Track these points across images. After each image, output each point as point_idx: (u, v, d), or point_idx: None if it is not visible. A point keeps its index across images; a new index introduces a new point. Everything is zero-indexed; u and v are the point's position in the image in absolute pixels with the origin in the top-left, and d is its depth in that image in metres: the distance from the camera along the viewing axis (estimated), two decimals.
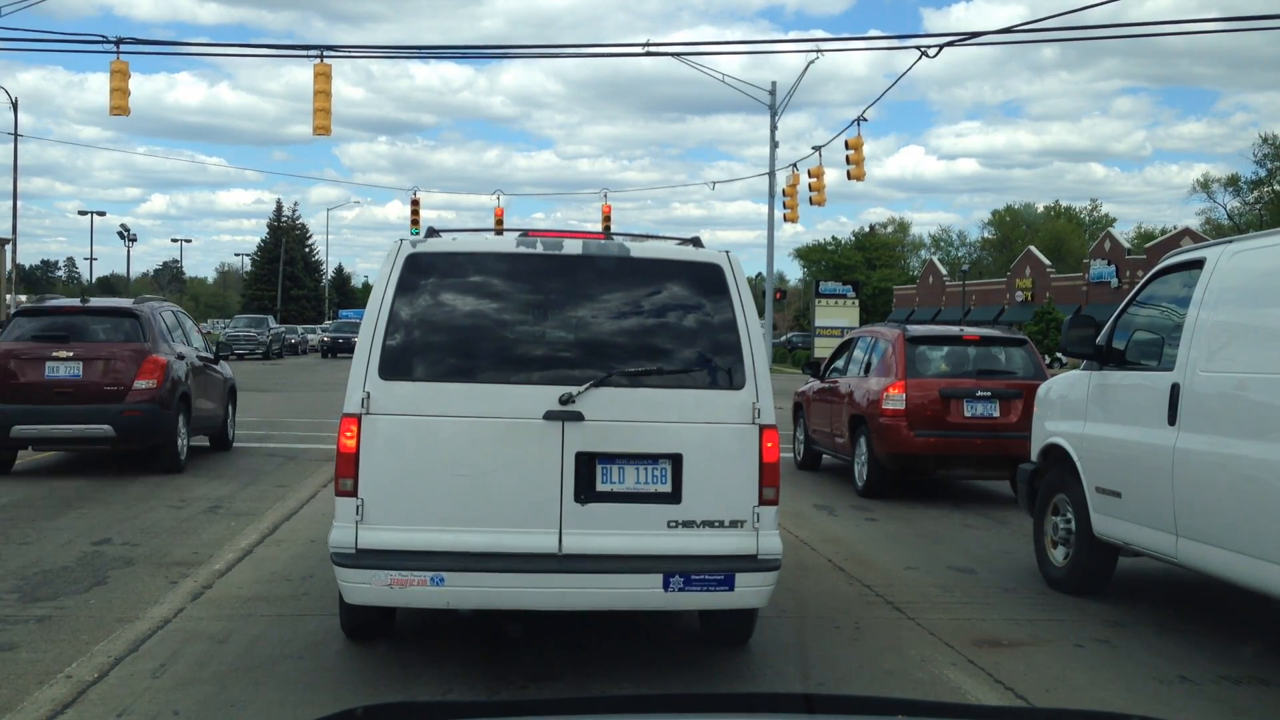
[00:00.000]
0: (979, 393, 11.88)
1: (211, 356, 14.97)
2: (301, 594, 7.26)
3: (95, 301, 14.15)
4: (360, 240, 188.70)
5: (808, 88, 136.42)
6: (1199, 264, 6.77)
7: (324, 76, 23.09)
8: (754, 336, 5.64)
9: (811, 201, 33.67)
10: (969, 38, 23.50)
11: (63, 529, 9.31)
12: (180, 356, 13.26)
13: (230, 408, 15.39)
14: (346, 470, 5.35)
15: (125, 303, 13.98)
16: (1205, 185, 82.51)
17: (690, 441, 5.49)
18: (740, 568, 5.39)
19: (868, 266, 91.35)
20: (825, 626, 6.78)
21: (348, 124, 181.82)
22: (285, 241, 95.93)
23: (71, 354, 12.30)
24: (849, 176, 30.41)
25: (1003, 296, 73.18)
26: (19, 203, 43.47)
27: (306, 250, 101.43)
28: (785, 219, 36.50)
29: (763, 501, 5.51)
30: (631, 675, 5.78)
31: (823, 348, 39.02)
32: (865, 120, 30.60)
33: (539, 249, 5.69)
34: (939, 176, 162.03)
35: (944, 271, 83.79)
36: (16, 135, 42.35)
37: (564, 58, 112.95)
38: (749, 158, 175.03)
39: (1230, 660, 6.22)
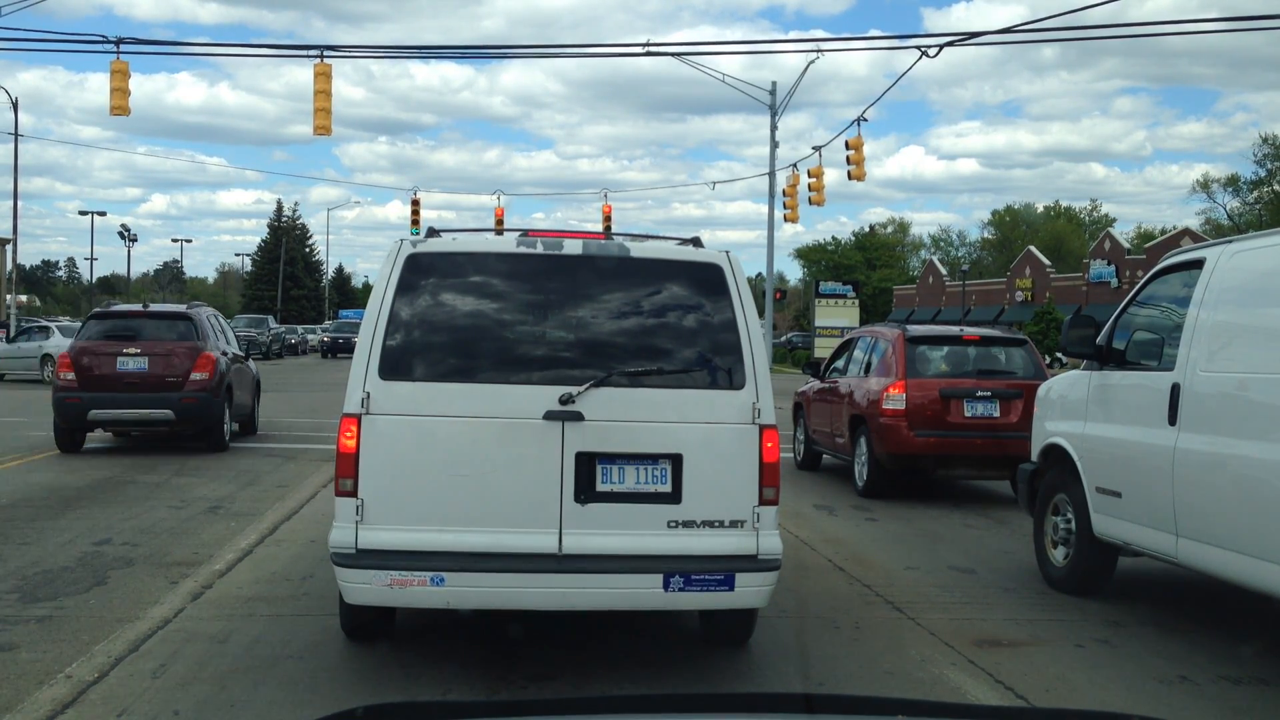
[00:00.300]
0: (979, 393, 11.88)
1: (243, 354, 17.04)
2: (301, 594, 7.26)
3: (155, 306, 16.51)
4: (360, 240, 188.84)
5: (808, 88, 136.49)
6: (1199, 264, 6.77)
7: (324, 76, 23.09)
8: (754, 336, 5.64)
9: (811, 201, 33.68)
10: (969, 38, 23.51)
11: (63, 529, 9.31)
12: (224, 353, 15.40)
13: (256, 399, 17.50)
14: (346, 470, 5.35)
15: (180, 307, 16.18)
16: (1205, 185, 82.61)
17: (690, 441, 5.49)
18: (740, 568, 5.39)
19: (868, 266, 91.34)
20: (825, 626, 6.78)
21: (348, 124, 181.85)
22: (285, 241, 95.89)
23: (139, 350, 14.60)
24: (849, 176, 30.41)
25: (1003, 296, 73.19)
26: (19, 203, 43.48)
27: (307, 250, 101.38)
28: (785, 219, 36.51)
29: (763, 501, 5.51)
30: (631, 675, 5.78)
31: (823, 348, 39.04)
32: (865, 120, 30.64)
33: (539, 249, 5.69)
34: (939, 176, 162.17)
35: (944, 271, 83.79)
36: (17, 135, 42.36)
37: (564, 58, 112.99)
38: (749, 158, 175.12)
39: (1230, 660, 6.22)
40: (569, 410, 5.39)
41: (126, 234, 63.91)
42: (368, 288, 72.00)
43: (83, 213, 73.16)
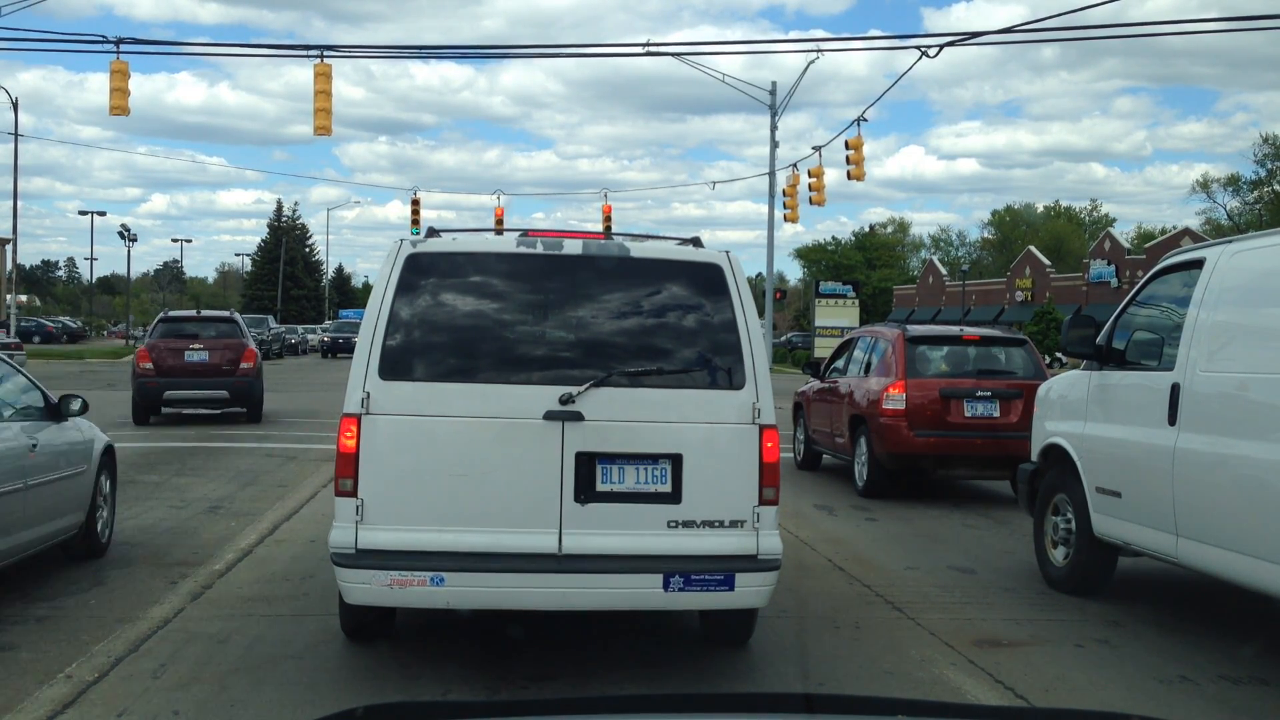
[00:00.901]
0: (979, 393, 11.88)
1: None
2: (301, 594, 7.25)
3: (206, 311, 22.83)
4: (360, 240, 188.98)
5: (808, 88, 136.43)
6: (1199, 264, 6.77)
7: (324, 76, 23.09)
8: (754, 336, 5.64)
9: (811, 201, 33.67)
10: (969, 38, 23.51)
11: None
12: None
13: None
14: (346, 470, 5.35)
15: (225, 312, 22.76)
16: (1205, 185, 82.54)
17: (690, 441, 5.49)
18: (740, 568, 5.38)
19: (868, 266, 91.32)
20: (825, 626, 6.78)
21: (348, 124, 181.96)
22: (285, 241, 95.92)
23: (201, 346, 19.11)
24: (849, 176, 30.40)
25: (1003, 296, 73.19)
26: (19, 203, 43.51)
27: (306, 250, 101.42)
28: (785, 219, 36.53)
29: (763, 501, 5.51)
30: (631, 675, 5.78)
31: (823, 348, 39.03)
32: (865, 120, 30.61)
33: (539, 249, 5.68)
34: (939, 176, 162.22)
35: (944, 271, 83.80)
36: (17, 135, 42.38)
37: (564, 58, 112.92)
38: (749, 158, 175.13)
39: (1230, 660, 6.21)
40: (569, 410, 5.39)
41: (126, 234, 63.87)
42: (368, 288, 72.00)
43: (83, 213, 73.19)
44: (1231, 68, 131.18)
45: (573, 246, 5.74)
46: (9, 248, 47.65)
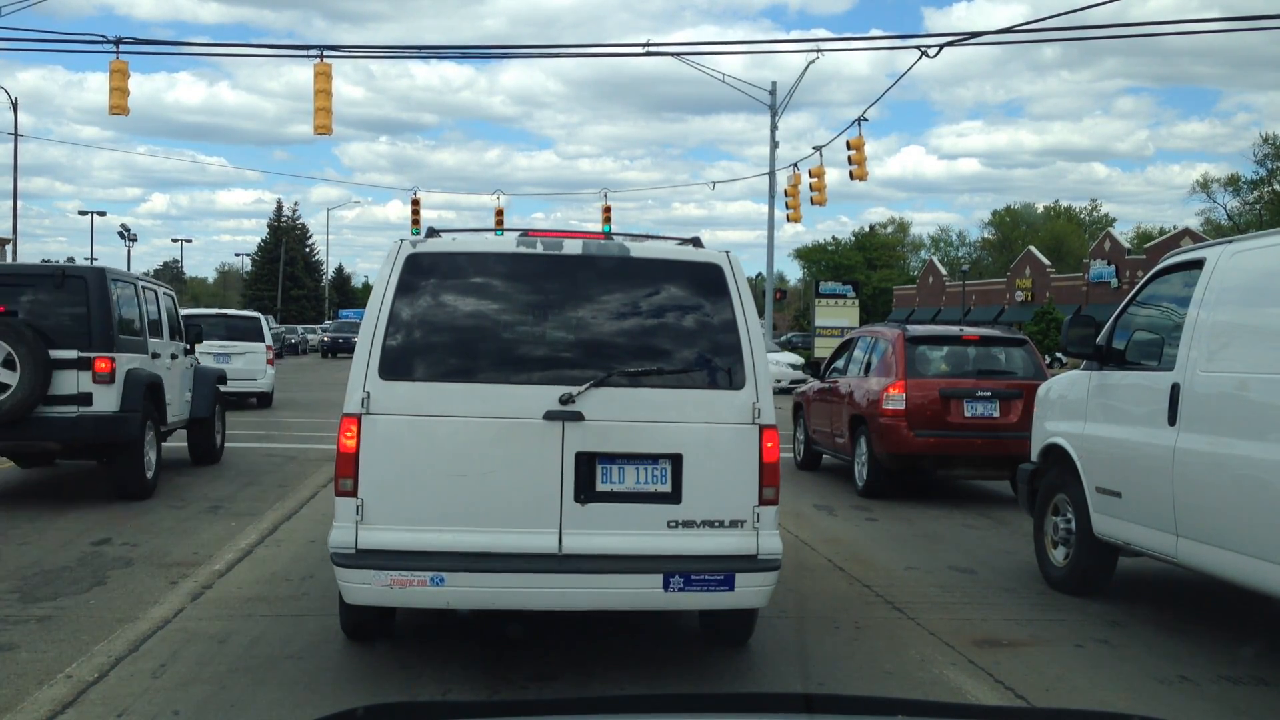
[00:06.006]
0: (979, 393, 11.88)
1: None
2: (301, 594, 7.25)
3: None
4: (360, 240, 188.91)
5: (809, 87, 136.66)
6: (1199, 264, 6.77)
7: (324, 76, 23.08)
8: (754, 336, 5.64)
9: (813, 201, 33.63)
10: (970, 37, 23.49)
11: (63, 529, 9.31)
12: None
13: None
14: (346, 470, 5.35)
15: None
16: (1205, 185, 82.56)
17: (690, 441, 5.49)
18: (740, 568, 5.38)
19: (868, 266, 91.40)
20: (825, 626, 6.78)
21: (348, 124, 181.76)
22: (285, 241, 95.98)
23: None
24: (851, 176, 30.34)
25: (1003, 296, 73.20)
26: (19, 203, 43.52)
27: (306, 250, 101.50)
28: (787, 219, 36.48)
29: (763, 501, 5.51)
30: (631, 675, 5.78)
31: (823, 348, 39.02)
32: (866, 120, 30.55)
33: (539, 249, 5.68)
34: (940, 176, 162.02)
35: (944, 271, 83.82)
36: (16, 135, 42.38)
37: (565, 57, 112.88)
38: (750, 157, 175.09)
39: (1230, 660, 6.21)
40: (569, 410, 5.39)
41: (126, 234, 63.88)
42: (368, 288, 72.06)
43: (83, 213, 73.14)
44: (1233, 67, 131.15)
45: (573, 246, 5.74)
46: (9, 248, 47.63)
